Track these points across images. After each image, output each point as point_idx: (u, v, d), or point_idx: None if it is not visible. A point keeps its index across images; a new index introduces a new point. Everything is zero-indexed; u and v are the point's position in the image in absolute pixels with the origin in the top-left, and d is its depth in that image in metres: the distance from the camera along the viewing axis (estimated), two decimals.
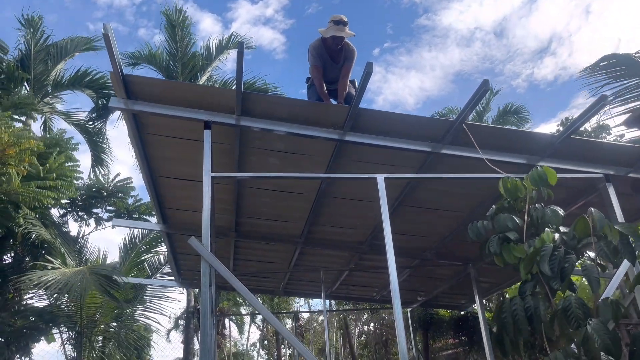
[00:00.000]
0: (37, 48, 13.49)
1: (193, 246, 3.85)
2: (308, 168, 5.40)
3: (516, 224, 3.35)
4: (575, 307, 3.02)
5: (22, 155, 8.01)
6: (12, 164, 7.96)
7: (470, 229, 3.57)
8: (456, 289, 9.51)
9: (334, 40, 5.40)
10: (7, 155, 7.82)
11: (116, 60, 3.88)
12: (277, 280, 9.62)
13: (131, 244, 11.04)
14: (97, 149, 13.28)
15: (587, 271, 2.98)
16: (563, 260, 3.03)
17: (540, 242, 3.14)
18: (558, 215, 3.29)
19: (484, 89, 4.12)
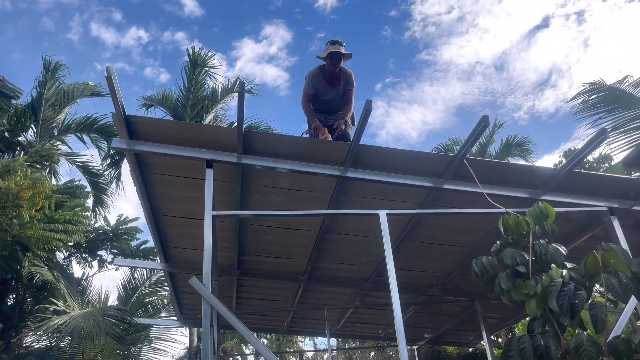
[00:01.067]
0: (49, 93, 13.76)
1: (194, 286, 3.80)
2: (310, 205, 5.39)
3: (524, 259, 3.31)
4: (587, 345, 2.93)
5: (35, 198, 8.08)
6: (25, 207, 8.02)
7: (475, 264, 3.52)
8: (463, 325, 9.32)
9: (332, 60, 5.48)
10: (21, 198, 7.88)
11: (119, 102, 3.93)
12: (281, 318, 9.46)
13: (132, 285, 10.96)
14: (98, 190, 13.37)
15: (594, 310, 2.91)
16: (573, 296, 2.96)
17: (548, 278, 3.08)
18: (560, 254, 3.24)
19: (484, 124, 4.15)
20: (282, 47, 55.35)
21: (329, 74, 5.65)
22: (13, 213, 7.86)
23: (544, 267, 3.23)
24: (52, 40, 45.67)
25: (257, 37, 56.16)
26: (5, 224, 7.76)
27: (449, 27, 49.66)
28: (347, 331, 10.55)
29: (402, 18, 51.43)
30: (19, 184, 8.12)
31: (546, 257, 3.23)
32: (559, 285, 2.95)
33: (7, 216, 7.81)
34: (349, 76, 5.72)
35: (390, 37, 50.49)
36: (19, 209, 8.21)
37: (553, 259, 3.21)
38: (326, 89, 5.73)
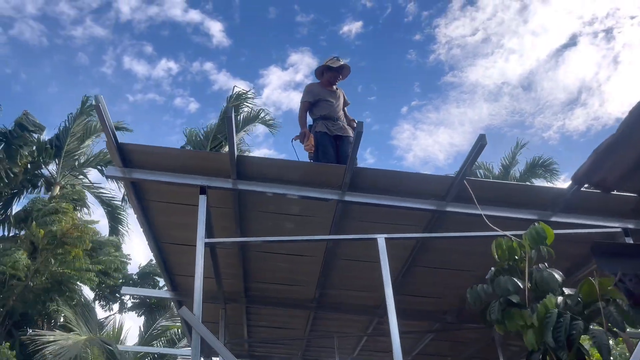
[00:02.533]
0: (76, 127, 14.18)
1: (183, 316, 3.71)
2: (312, 230, 5.28)
3: (518, 286, 3.12)
4: None
5: (84, 237, 8.27)
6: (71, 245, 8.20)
7: (470, 293, 3.35)
8: (484, 354, 8.91)
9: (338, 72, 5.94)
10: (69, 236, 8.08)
11: (109, 129, 3.94)
12: (296, 347, 9.25)
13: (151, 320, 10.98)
14: (115, 221, 13.55)
15: (596, 338, 2.70)
16: (569, 327, 2.76)
17: (542, 307, 2.89)
18: (554, 280, 3.05)
19: (481, 143, 4.01)
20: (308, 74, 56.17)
21: (326, 86, 6.00)
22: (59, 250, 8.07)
23: (539, 295, 3.04)
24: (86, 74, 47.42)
25: (284, 64, 57.19)
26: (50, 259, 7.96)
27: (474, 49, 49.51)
28: None
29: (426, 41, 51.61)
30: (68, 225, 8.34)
31: (542, 284, 3.05)
32: (555, 317, 2.76)
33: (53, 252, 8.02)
34: (342, 92, 6.14)
35: (415, 60, 50.61)
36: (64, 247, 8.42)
37: (547, 285, 3.02)
38: (326, 93, 5.97)
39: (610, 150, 0.91)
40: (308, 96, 5.89)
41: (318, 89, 5.96)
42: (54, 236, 8.26)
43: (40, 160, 13.06)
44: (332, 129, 5.75)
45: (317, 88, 5.97)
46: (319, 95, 5.89)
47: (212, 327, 4.76)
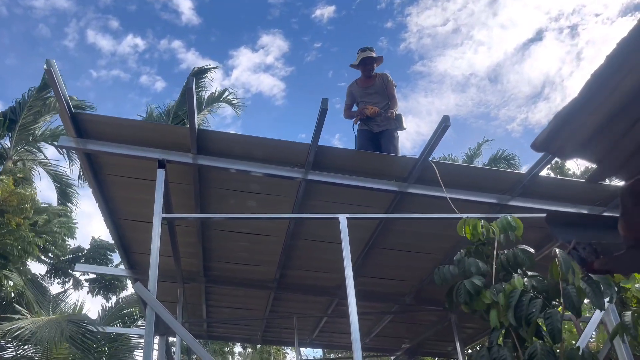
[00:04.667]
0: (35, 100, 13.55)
1: (137, 291, 3.61)
2: (274, 209, 5.22)
3: (484, 268, 3.17)
4: (541, 354, 2.81)
5: (23, 206, 7.88)
6: (11, 213, 7.81)
7: (437, 274, 3.40)
8: (441, 336, 9.12)
9: (365, 64, 5.70)
10: (8, 203, 7.68)
11: (62, 98, 3.75)
12: (255, 327, 9.22)
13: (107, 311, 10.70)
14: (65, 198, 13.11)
15: (550, 319, 2.76)
16: (528, 306, 2.82)
17: (509, 287, 2.94)
18: (530, 256, 3.11)
19: (444, 124, 4.02)
20: (279, 56, 55.48)
21: (363, 81, 5.83)
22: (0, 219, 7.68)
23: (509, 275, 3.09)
24: (47, 47, 45.40)
25: (254, 46, 56.27)
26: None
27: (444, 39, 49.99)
28: (323, 341, 10.31)
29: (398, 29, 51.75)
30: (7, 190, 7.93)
31: (515, 262, 3.11)
32: (517, 296, 2.82)
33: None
34: (385, 76, 5.86)
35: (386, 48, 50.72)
36: (5, 215, 8.03)
37: (523, 262, 3.08)
38: (362, 91, 5.86)
39: (571, 116, 0.90)
40: (347, 99, 5.94)
41: (355, 90, 5.89)
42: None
43: None
44: (371, 127, 5.67)
45: (355, 89, 5.91)
46: (355, 96, 5.88)
47: (170, 306, 4.65)
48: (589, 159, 1.12)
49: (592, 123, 1.00)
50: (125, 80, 50.84)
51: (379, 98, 5.82)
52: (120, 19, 48.72)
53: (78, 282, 11.80)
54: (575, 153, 1.09)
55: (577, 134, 1.02)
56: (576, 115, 0.98)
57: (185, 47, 55.84)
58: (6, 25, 38.74)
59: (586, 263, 1.54)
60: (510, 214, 4.50)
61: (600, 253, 1.47)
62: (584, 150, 1.06)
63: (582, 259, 1.50)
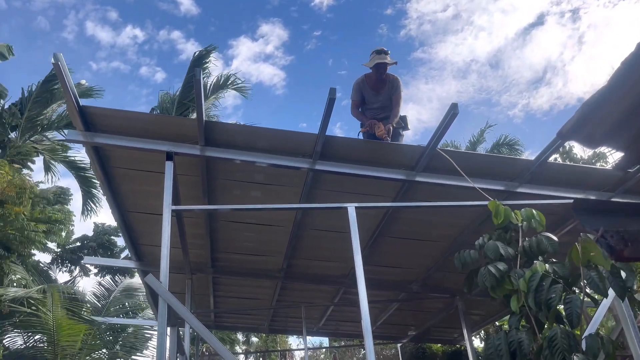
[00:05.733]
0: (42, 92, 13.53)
1: (148, 283, 3.63)
2: (281, 199, 5.22)
3: (507, 253, 3.18)
4: (561, 338, 2.81)
5: (22, 196, 7.89)
6: (11, 204, 7.83)
7: (457, 258, 3.40)
8: (447, 322, 9.18)
9: (378, 69, 5.42)
10: (7, 194, 7.68)
11: (70, 91, 3.74)
12: (262, 317, 9.29)
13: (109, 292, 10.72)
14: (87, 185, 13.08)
15: (570, 304, 2.77)
16: (548, 291, 2.83)
17: (530, 272, 2.94)
18: (554, 243, 3.12)
19: (453, 112, 4.00)
20: (279, 45, 55.29)
21: (374, 81, 5.58)
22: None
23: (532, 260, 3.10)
24: (46, 39, 45.35)
25: (254, 35, 56.10)
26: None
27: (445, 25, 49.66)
28: (330, 329, 10.39)
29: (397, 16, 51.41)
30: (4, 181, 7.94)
31: (539, 248, 3.11)
32: (538, 280, 2.82)
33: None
34: (395, 81, 5.62)
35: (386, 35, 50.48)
36: (4, 206, 8.04)
37: (546, 248, 3.08)
38: (372, 96, 5.64)
39: (598, 104, 0.89)
40: (356, 95, 5.63)
41: (365, 90, 5.62)
42: None
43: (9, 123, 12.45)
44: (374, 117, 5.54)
45: (364, 88, 5.62)
46: (364, 96, 5.63)
47: (178, 297, 4.65)
48: (616, 146, 1.12)
49: (620, 111, 1.00)
50: (125, 71, 50.78)
51: (387, 106, 5.64)
52: (119, 10, 48.59)
53: (85, 269, 11.88)
54: (603, 141, 1.08)
55: (605, 122, 1.02)
56: (604, 103, 0.98)
57: (185, 38, 55.68)
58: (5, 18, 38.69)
59: (615, 251, 1.53)
60: (520, 201, 4.54)
61: (628, 240, 1.47)
62: (611, 138, 1.06)
63: (611, 246, 1.49)
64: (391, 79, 5.62)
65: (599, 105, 0.98)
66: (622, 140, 1.07)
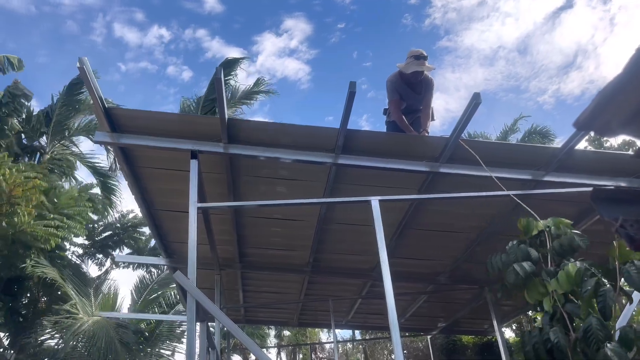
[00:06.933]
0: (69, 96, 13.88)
1: (177, 280, 3.71)
2: (305, 194, 5.25)
3: (535, 256, 3.17)
4: (596, 329, 2.80)
5: (29, 194, 8.10)
6: (21, 204, 8.05)
7: (489, 263, 3.40)
8: (476, 314, 9.09)
9: (415, 75, 5.35)
10: (14, 196, 7.91)
11: (96, 94, 3.84)
12: (291, 311, 9.37)
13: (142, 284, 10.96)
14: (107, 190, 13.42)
15: (602, 297, 2.74)
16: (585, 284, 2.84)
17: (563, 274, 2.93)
18: (585, 238, 3.08)
19: (475, 102, 3.95)
20: (303, 40, 55.44)
21: (408, 81, 5.50)
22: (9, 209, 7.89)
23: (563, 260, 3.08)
24: (75, 43, 46.58)
25: (278, 31, 56.38)
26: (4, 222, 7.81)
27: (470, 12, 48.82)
28: (358, 322, 10.42)
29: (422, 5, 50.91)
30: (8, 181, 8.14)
31: (571, 246, 3.09)
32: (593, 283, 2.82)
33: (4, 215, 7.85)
34: (429, 83, 5.57)
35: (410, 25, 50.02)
36: (14, 207, 8.26)
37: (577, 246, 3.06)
38: (408, 94, 5.59)
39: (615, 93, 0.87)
40: (395, 94, 5.49)
41: (400, 87, 5.52)
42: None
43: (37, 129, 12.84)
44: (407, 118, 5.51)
45: (400, 87, 5.52)
46: (402, 94, 5.53)
47: (207, 293, 4.75)
48: (634, 135, 1.10)
49: (637, 98, 0.98)
50: (153, 71, 51.64)
51: (417, 105, 5.62)
52: (145, 11, 49.36)
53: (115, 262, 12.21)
54: (620, 130, 1.06)
55: (622, 110, 1.00)
56: (620, 91, 0.96)
57: (210, 36, 56.24)
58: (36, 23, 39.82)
59: (634, 240, 1.50)
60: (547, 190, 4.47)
61: None
62: (629, 126, 1.04)
63: (630, 236, 1.47)
64: (425, 80, 5.54)
65: (615, 93, 0.96)
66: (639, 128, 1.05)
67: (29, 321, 9.10)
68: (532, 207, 3.84)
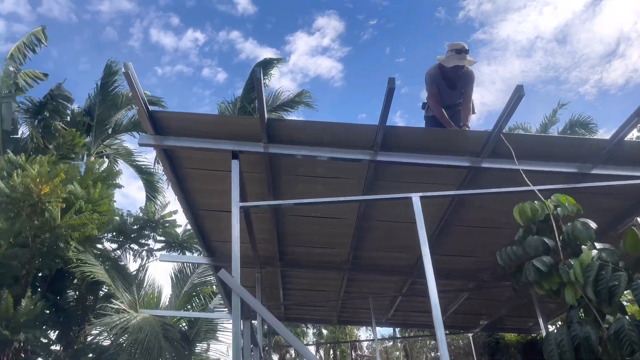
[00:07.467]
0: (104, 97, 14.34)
1: (222, 279, 3.78)
2: (344, 191, 5.25)
3: (547, 246, 3.06)
4: (628, 329, 2.67)
5: (56, 190, 8.37)
6: (51, 201, 8.34)
7: (499, 255, 3.31)
8: (520, 311, 8.91)
9: (455, 70, 5.26)
10: (44, 195, 8.20)
11: (140, 98, 3.94)
12: (331, 309, 9.41)
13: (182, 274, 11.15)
14: (151, 187, 13.75)
15: (637, 290, 2.62)
16: (610, 279, 2.69)
17: (578, 262, 2.81)
18: (589, 229, 2.96)
19: (518, 94, 3.86)
20: (335, 38, 55.54)
21: (446, 75, 5.40)
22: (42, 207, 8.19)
23: (575, 250, 2.97)
24: (115, 49, 48.23)
25: (310, 29, 56.68)
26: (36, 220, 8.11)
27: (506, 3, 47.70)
28: (399, 320, 10.37)
29: None
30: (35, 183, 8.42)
31: (573, 236, 2.97)
32: (596, 270, 2.69)
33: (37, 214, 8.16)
34: (469, 76, 5.47)
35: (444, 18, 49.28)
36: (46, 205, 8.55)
37: (582, 236, 2.94)
38: (445, 91, 5.51)
39: None
40: (434, 87, 5.38)
41: (439, 82, 5.42)
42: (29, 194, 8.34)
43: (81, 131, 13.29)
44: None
45: (438, 80, 5.42)
46: (439, 88, 5.43)
47: (249, 291, 4.83)
48: None
49: None
50: (189, 74, 52.72)
51: (455, 101, 5.53)
52: (180, 15, 50.44)
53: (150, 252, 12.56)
54: None
55: None
56: None
57: (243, 37, 56.99)
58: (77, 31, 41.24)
59: None
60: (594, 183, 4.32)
61: None
62: None
63: None
64: (465, 73, 5.41)
65: None
66: None
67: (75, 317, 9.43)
68: (578, 202, 3.72)
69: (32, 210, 8.64)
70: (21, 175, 8.51)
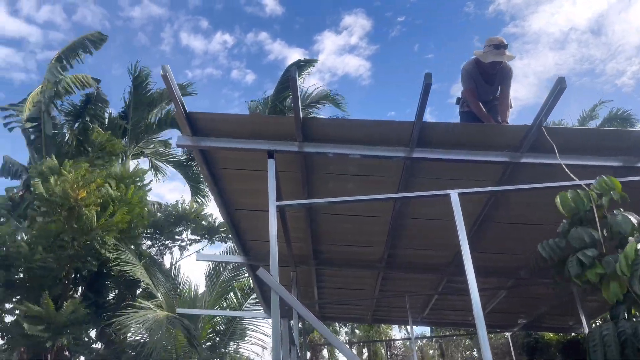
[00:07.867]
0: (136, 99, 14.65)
1: (261, 277, 3.80)
2: (379, 189, 5.22)
3: (593, 238, 2.96)
4: None
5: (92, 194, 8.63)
6: (89, 205, 8.60)
7: (542, 247, 3.22)
8: (560, 310, 8.68)
9: (493, 65, 5.19)
10: (81, 200, 8.45)
11: (178, 100, 4.00)
12: (365, 307, 9.38)
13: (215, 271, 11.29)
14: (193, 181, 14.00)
15: None
16: None
17: (624, 256, 2.72)
18: (628, 222, 2.85)
19: (560, 87, 3.75)
20: (363, 36, 55.41)
21: (485, 70, 5.33)
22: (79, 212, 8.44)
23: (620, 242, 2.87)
24: (146, 54, 49.45)
25: (337, 28, 56.77)
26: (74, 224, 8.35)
27: None
28: (434, 319, 10.26)
29: None
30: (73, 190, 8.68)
31: (614, 229, 2.88)
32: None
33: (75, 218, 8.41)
34: (507, 71, 5.38)
35: (473, 13, 48.53)
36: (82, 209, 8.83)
37: (621, 229, 2.84)
38: (482, 86, 5.45)
39: None
40: (471, 82, 5.32)
41: (476, 77, 5.36)
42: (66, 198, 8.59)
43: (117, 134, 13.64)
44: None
45: (475, 75, 5.36)
46: (476, 82, 5.38)
47: None
48: None
49: None
50: (218, 76, 53.42)
51: (491, 97, 5.43)
52: (208, 18, 51.15)
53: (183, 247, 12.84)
54: None
55: None
56: None
57: (271, 38, 57.39)
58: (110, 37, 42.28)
59: None
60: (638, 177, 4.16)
61: None
62: None
63: None
64: (503, 68, 5.30)
65: None
66: None
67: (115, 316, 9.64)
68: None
69: (70, 214, 8.94)
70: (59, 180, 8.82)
